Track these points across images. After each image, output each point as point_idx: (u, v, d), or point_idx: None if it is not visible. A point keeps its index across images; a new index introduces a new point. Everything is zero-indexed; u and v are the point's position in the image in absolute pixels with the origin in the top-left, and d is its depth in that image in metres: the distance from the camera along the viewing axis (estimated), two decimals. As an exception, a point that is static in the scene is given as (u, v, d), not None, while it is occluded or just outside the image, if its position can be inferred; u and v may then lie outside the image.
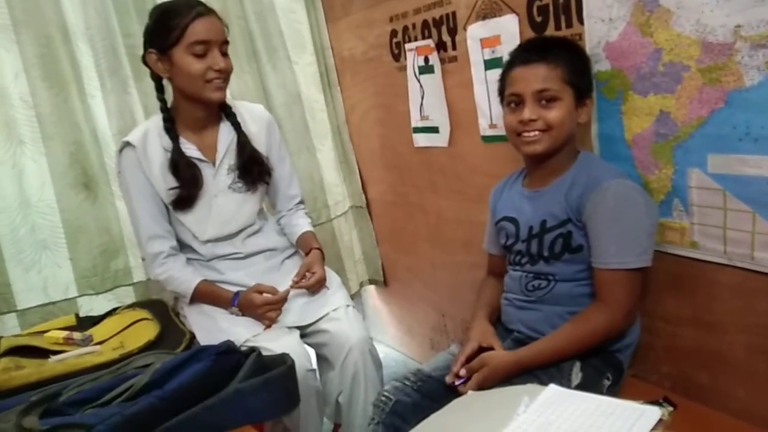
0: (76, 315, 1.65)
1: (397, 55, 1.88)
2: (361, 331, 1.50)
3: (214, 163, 1.55)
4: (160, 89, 1.52)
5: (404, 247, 2.21)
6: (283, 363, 1.08)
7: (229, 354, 1.07)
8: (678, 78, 1.12)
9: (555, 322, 1.21)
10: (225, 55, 1.47)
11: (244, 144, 1.57)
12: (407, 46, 1.81)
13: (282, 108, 2.11)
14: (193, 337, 1.47)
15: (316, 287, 1.56)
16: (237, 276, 1.55)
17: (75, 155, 1.76)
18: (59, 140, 1.74)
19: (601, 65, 1.25)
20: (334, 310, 1.54)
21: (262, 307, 1.45)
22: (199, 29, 1.41)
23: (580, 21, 1.27)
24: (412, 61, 1.80)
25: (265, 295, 1.46)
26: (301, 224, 1.71)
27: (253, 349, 1.12)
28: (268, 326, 1.46)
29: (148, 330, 1.44)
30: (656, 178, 1.21)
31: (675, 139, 1.16)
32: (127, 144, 1.50)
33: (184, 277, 1.52)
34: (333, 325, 1.50)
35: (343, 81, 2.22)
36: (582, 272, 1.20)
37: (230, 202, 1.57)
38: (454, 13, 1.61)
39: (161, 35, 1.42)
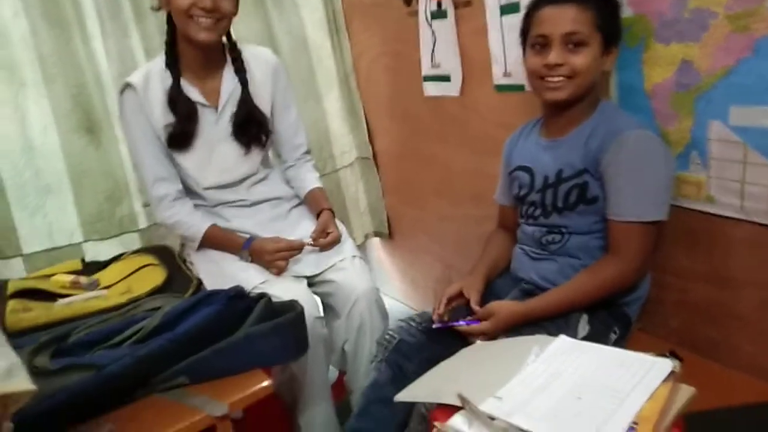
0: (82, 260, 1.65)
1: (409, -1, 1.82)
2: (367, 282, 1.50)
3: (216, 109, 1.51)
4: (169, 24, 1.47)
5: (411, 200, 2.19)
6: (293, 309, 1.08)
7: (239, 299, 1.06)
8: (704, 25, 1.08)
9: (569, 273, 1.20)
10: None
11: (244, 99, 1.52)
12: (420, -11, 1.74)
13: (288, 55, 2.06)
14: (200, 283, 1.47)
15: (331, 247, 1.55)
16: (244, 224, 1.54)
17: (77, 98, 1.73)
18: (61, 82, 1.70)
19: (624, 11, 1.19)
20: (341, 260, 1.53)
21: (274, 254, 1.44)
22: None
23: (605, -37, 1.21)
24: (425, 5, 1.74)
25: (278, 243, 1.45)
26: (309, 179, 1.67)
27: (262, 295, 1.12)
28: (276, 275, 1.45)
29: (155, 275, 1.44)
30: (675, 129, 1.18)
31: (697, 89, 1.12)
32: (128, 85, 1.46)
33: (193, 221, 1.51)
34: (340, 275, 1.50)
35: (351, 27, 2.16)
36: (596, 224, 1.18)
37: (231, 150, 1.54)
38: (470, -46, 1.54)
39: None
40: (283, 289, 1.38)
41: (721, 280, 1.19)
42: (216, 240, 1.51)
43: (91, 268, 1.58)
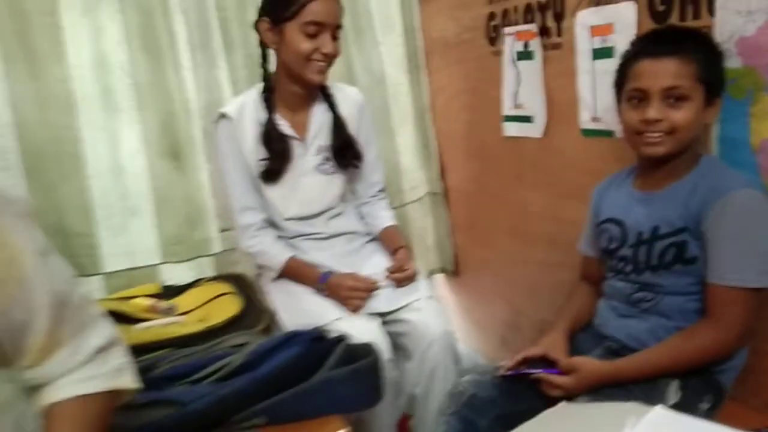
0: (161, 284, 1.68)
1: (494, 39, 1.80)
2: (443, 325, 1.47)
3: (304, 142, 1.54)
4: (264, 58, 1.53)
5: (481, 239, 2.15)
6: (370, 354, 1.05)
7: (319, 341, 1.05)
8: (823, 80, 1.01)
9: (660, 335, 1.13)
10: (335, 38, 1.45)
11: (341, 126, 1.56)
12: (506, 30, 1.73)
13: (365, 91, 2.07)
14: (274, 315, 1.47)
15: (408, 283, 1.54)
16: (320, 256, 1.55)
17: (167, 125, 1.79)
18: (153, 110, 1.77)
19: (730, 62, 1.13)
20: (416, 300, 1.50)
21: (351, 291, 1.44)
22: (316, 10, 1.40)
23: (711, 13, 1.16)
24: (510, 46, 1.72)
25: (357, 280, 1.45)
26: (384, 216, 1.69)
27: (341, 338, 1.10)
28: (352, 312, 1.44)
29: (232, 304, 1.45)
30: (784, 188, 1.10)
31: (811, 147, 1.05)
32: (224, 116, 1.51)
33: (275, 251, 1.53)
34: (415, 316, 1.47)
35: (431, 64, 2.16)
36: (693, 285, 1.10)
37: (316, 182, 1.56)
38: (562, -1, 1.52)
39: (278, 7, 1.42)
40: (356, 327, 1.36)
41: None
42: (295, 271, 1.52)
43: (169, 292, 1.61)
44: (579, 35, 1.47)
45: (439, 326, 1.45)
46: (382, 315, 1.50)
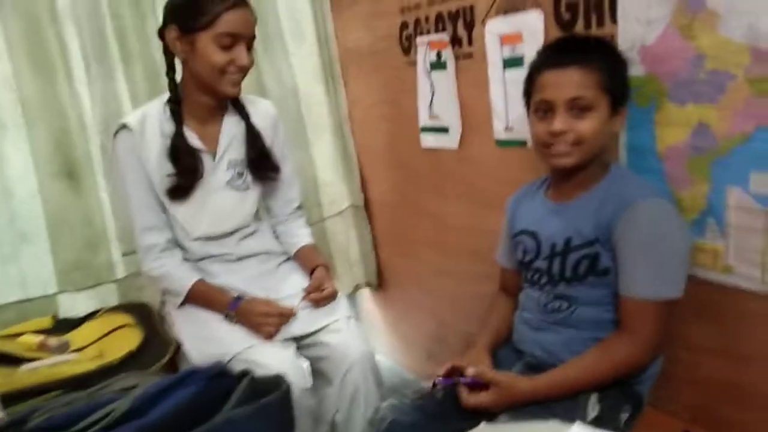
0: (54, 317, 1.54)
1: (407, 48, 1.77)
2: (363, 346, 1.40)
3: (214, 156, 1.45)
4: (171, 68, 1.42)
5: (404, 251, 2.11)
6: (278, 387, 0.98)
7: (220, 377, 0.96)
8: (721, 87, 1.02)
9: (575, 348, 1.11)
10: (249, 50, 1.38)
11: (255, 137, 1.48)
12: (419, 39, 1.70)
13: (277, 102, 1.99)
14: (178, 347, 1.37)
15: (327, 302, 1.47)
16: (231, 279, 1.45)
17: (60, 143, 1.66)
18: (43, 126, 1.64)
19: (634, 70, 1.14)
20: (335, 321, 1.43)
21: (263, 317, 1.35)
22: (231, 20, 1.32)
23: (614, 20, 1.17)
24: (424, 55, 1.69)
25: (269, 306, 1.37)
26: (301, 234, 1.61)
27: (245, 372, 1.02)
28: (265, 339, 1.36)
29: (131, 338, 1.34)
30: (689, 194, 1.11)
31: (714, 153, 1.06)
32: (124, 126, 1.39)
33: (180, 274, 1.42)
34: (333, 338, 1.40)
35: (347, 74, 2.11)
36: (607, 297, 1.09)
37: (227, 199, 1.47)
38: (472, 7, 1.50)
39: (189, 15, 1.32)
40: (269, 355, 1.28)
41: (738, 356, 1.11)
42: (202, 296, 1.42)
43: (63, 326, 1.48)
44: (489, 44, 1.46)
45: (358, 348, 1.39)
46: (298, 339, 1.42)
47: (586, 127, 1.05)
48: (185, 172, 1.40)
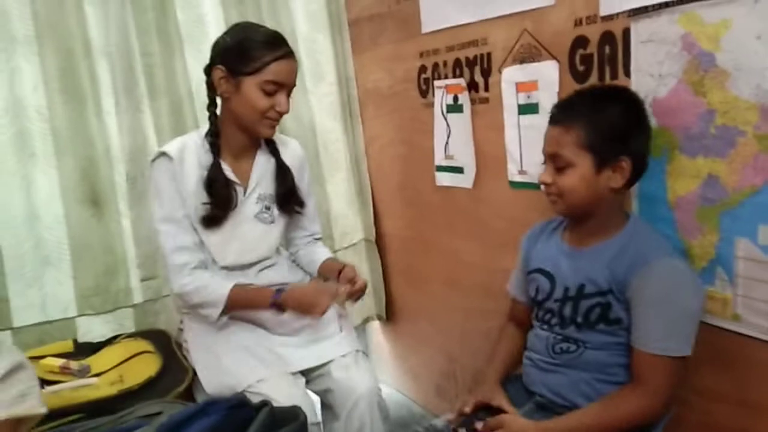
0: (74, 341, 1.57)
1: (425, 91, 1.84)
2: (369, 381, 1.42)
3: (245, 190, 1.51)
4: (213, 104, 1.49)
5: (415, 286, 2.14)
6: (296, 418, 1.00)
7: (240, 408, 0.99)
8: (731, 142, 1.07)
9: (582, 389, 1.14)
10: (288, 96, 1.45)
11: (285, 173, 1.55)
12: (436, 83, 1.76)
13: (293, 138, 2.07)
14: (195, 375, 1.39)
15: (360, 294, 1.48)
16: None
17: (86, 171, 1.71)
18: (71, 155, 1.69)
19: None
20: (343, 355, 1.46)
21: (314, 296, 1.38)
22: (278, 70, 1.39)
23: (627, 74, 1.22)
24: (441, 98, 1.75)
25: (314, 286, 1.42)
26: (322, 253, 1.66)
27: (265, 403, 1.05)
28: (318, 315, 1.38)
29: (150, 364, 1.36)
30: (699, 243, 1.15)
31: (723, 205, 1.10)
32: (164, 154, 1.44)
33: (215, 284, 1.43)
34: (341, 373, 1.43)
35: (365, 113, 2.18)
36: (616, 342, 1.12)
37: (254, 231, 1.52)
38: (489, 54, 1.56)
39: (239, 59, 1.39)
40: (279, 389, 1.31)
41: (747, 403, 1.13)
42: (242, 298, 1.43)
43: (84, 350, 1.51)
44: (505, 91, 1.52)
45: (365, 383, 1.41)
46: (306, 373, 1.45)
47: (565, 182, 1.11)
48: (220, 203, 1.45)
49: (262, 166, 1.54)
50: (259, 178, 1.53)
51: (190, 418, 0.94)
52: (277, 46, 1.41)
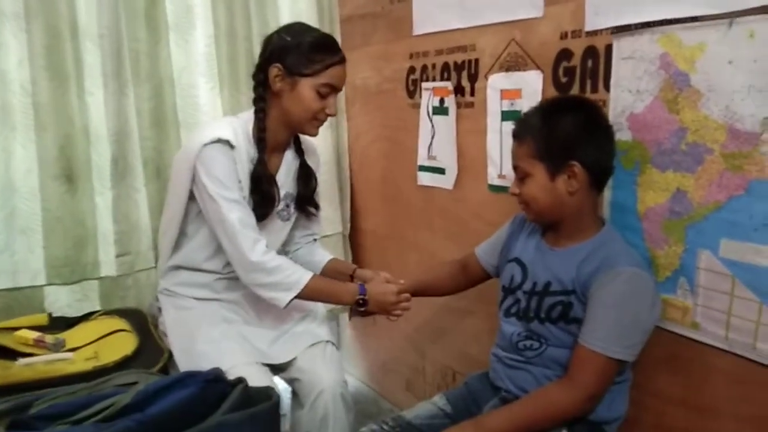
0: (49, 315, 1.57)
1: (412, 92, 1.88)
2: (335, 373, 1.46)
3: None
4: (262, 99, 1.49)
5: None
6: (268, 398, 1.03)
7: (216, 382, 1.01)
8: (700, 159, 1.12)
9: (544, 385, 1.19)
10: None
11: (309, 175, 1.59)
12: (424, 84, 1.80)
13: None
14: (170, 355, 1.41)
15: None
16: (232, 296, 1.51)
17: (64, 148, 1.72)
18: (51, 131, 1.70)
19: (622, 135, 1.24)
20: (313, 344, 1.50)
21: (395, 303, 1.44)
22: (335, 75, 1.44)
23: (606, 88, 1.28)
24: (427, 100, 1.79)
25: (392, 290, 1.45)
26: (324, 254, 1.70)
27: (240, 380, 1.07)
28: (399, 315, 1.46)
29: (126, 343, 1.37)
30: (664, 253, 1.20)
31: (689, 218, 1.16)
32: (226, 142, 1.42)
33: (294, 267, 1.43)
34: (308, 363, 1.47)
35: (351, 109, 2.21)
36: (575, 342, 1.17)
37: (272, 227, 1.55)
38: (476, 60, 1.61)
39: (299, 60, 1.41)
40: (250, 377, 1.32)
41: (700, 408, 1.19)
42: (320, 289, 1.44)
43: (58, 325, 1.51)
44: (490, 96, 1.56)
45: (330, 375, 1.45)
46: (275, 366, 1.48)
47: (526, 191, 1.19)
48: (265, 200, 1.48)
49: (289, 164, 1.57)
50: (285, 175, 1.56)
51: (168, 387, 0.96)
52: (336, 50, 1.45)
